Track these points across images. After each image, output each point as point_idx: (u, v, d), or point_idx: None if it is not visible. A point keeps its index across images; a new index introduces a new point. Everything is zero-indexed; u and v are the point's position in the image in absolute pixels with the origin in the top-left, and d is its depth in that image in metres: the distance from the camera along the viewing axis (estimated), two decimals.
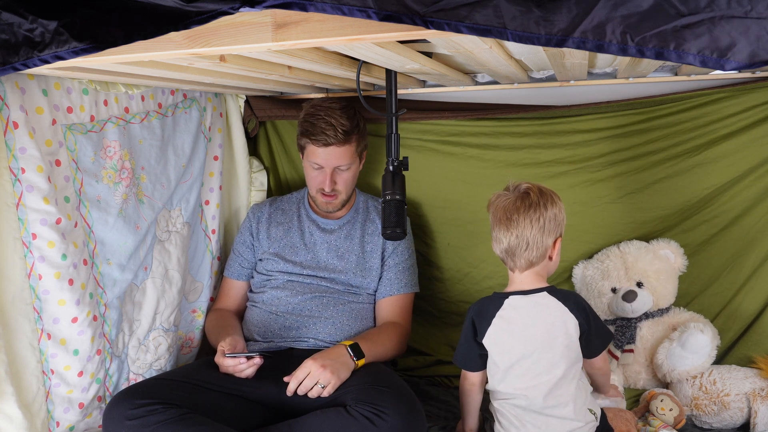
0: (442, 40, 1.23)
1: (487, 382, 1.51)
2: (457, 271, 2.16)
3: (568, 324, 1.42)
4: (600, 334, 1.48)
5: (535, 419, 1.41)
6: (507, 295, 1.46)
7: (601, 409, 1.62)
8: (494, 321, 1.44)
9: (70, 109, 1.50)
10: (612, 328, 1.96)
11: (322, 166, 1.84)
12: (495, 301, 1.47)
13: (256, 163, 2.23)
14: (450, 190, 2.12)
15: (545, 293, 1.44)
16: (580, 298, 1.47)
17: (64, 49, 0.93)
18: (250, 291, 1.96)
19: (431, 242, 2.18)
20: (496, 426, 1.47)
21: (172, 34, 0.99)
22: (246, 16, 0.99)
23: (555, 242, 1.45)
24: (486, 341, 1.45)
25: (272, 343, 1.79)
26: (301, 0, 0.81)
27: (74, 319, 1.51)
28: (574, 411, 1.41)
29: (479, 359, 1.48)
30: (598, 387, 1.62)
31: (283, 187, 2.27)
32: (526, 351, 1.41)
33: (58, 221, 1.45)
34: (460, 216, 2.12)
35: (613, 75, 1.99)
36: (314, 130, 1.81)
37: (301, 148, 1.89)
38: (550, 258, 1.46)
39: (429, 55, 1.59)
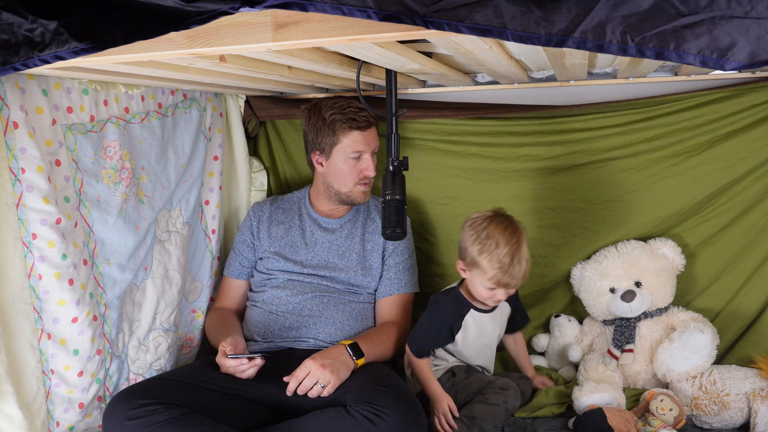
0: (442, 40, 1.23)
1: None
2: None
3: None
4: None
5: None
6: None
7: (601, 409, 1.63)
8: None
9: (70, 109, 1.50)
10: (611, 329, 1.97)
11: (362, 152, 1.83)
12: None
13: (256, 163, 2.23)
14: (451, 186, 2.13)
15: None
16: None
17: (64, 49, 0.93)
18: (250, 290, 1.96)
19: (433, 239, 2.18)
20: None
21: (172, 34, 0.99)
22: (246, 16, 0.99)
23: None
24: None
25: (272, 343, 1.79)
26: (301, 0, 0.81)
27: (74, 319, 1.51)
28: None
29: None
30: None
31: (283, 187, 2.27)
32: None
33: (58, 221, 1.45)
34: (461, 212, 2.11)
35: (613, 75, 1.99)
36: (353, 116, 1.81)
37: (332, 144, 1.83)
38: None
39: (429, 55, 1.59)
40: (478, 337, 1.76)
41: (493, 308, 1.77)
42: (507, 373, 1.90)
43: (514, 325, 1.88)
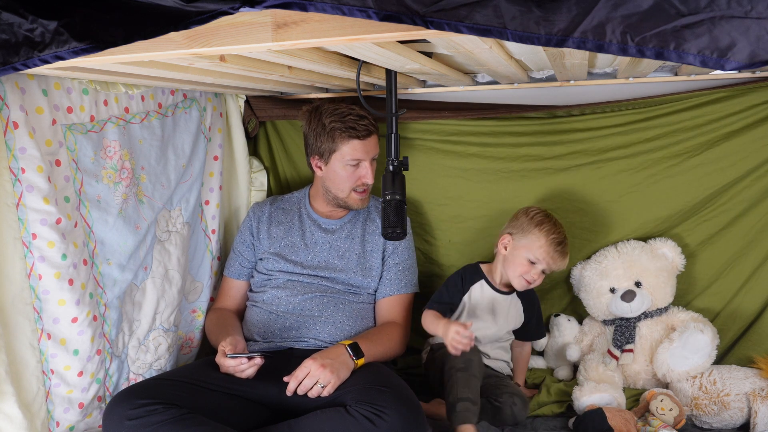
0: (442, 40, 1.23)
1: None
2: (458, 268, 2.16)
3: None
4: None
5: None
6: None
7: (601, 409, 1.63)
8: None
9: (70, 109, 1.50)
10: (611, 329, 1.97)
11: (361, 160, 1.83)
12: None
13: (256, 163, 2.23)
14: (450, 187, 2.13)
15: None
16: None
17: (64, 49, 0.93)
18: (251, 290, 1.96)
19: (432, 240, 2.18)
20: None
21: (172, 34, 0.99)
22: (246, 16, 1.00)
23: None
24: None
25: (272, 343, 1.79)
26: (301, 0, 0.81)
27: (74, 319, 1.51)
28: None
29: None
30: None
31: (283, 187, 2.27)
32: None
33: (58, 221, 1.45)
34: (460, 213, 2.12)
35: (613, 75, 1.99)
36: (353, 125, 1.80)
37: (331, 151, 1.82)
38: None
39: (429, 55, 1.59)
40: (479, 306, 1.84)
41: (506, 294, 1.85)
42: (506, 380, 1.90)
43: (527, 334, 1.95)
